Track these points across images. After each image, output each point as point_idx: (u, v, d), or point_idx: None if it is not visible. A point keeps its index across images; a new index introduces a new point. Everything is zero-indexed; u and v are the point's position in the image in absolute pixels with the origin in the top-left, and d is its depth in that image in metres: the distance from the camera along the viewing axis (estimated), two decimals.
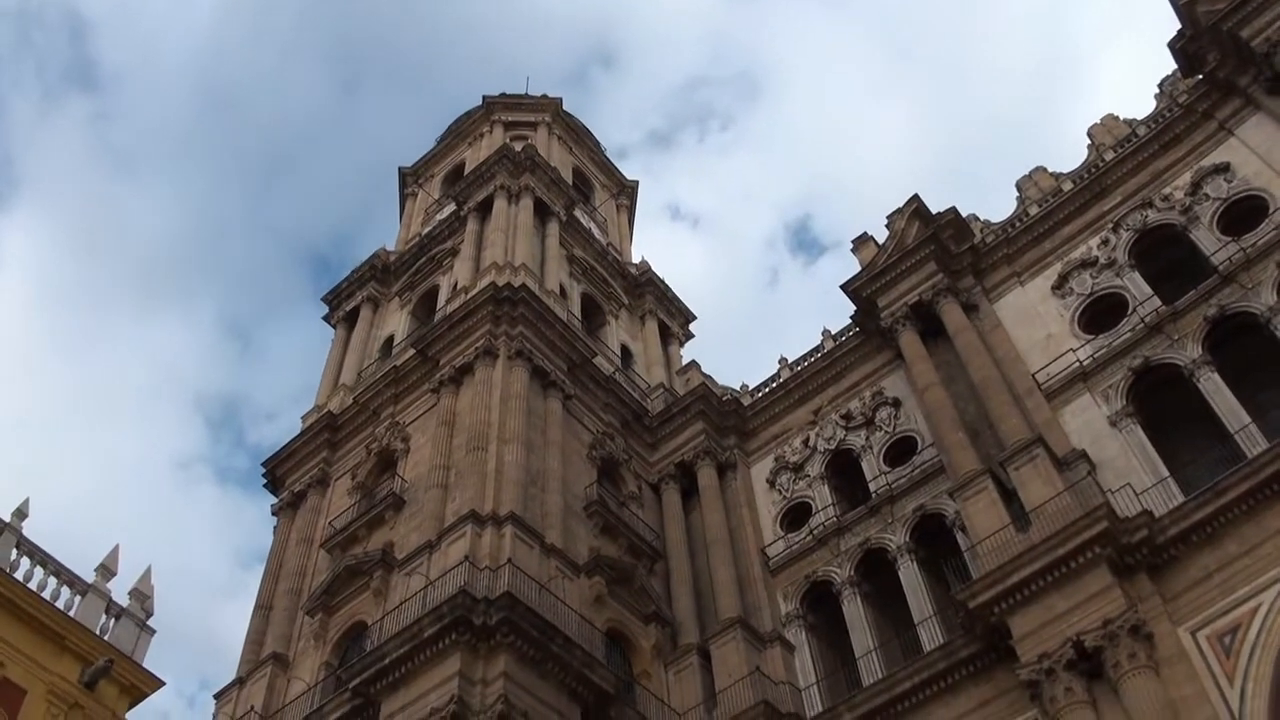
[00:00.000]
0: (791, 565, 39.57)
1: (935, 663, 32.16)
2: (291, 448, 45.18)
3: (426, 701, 28.83)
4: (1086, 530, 29.41)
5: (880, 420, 41.30)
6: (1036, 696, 28.92)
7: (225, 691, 37.39)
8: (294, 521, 42.52)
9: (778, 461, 43.33)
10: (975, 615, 30.90)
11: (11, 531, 21.14)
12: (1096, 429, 34.52)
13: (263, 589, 40.89)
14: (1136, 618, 28.05)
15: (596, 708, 31.39)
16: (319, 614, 36.92)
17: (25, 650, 20.06)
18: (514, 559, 32.35)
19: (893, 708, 32.50)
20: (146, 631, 22.89)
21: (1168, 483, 31.78)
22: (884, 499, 38.35)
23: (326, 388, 48.70)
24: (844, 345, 44.14)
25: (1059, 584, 29.47)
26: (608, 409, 44.26)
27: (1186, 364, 34.17)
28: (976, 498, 33.50)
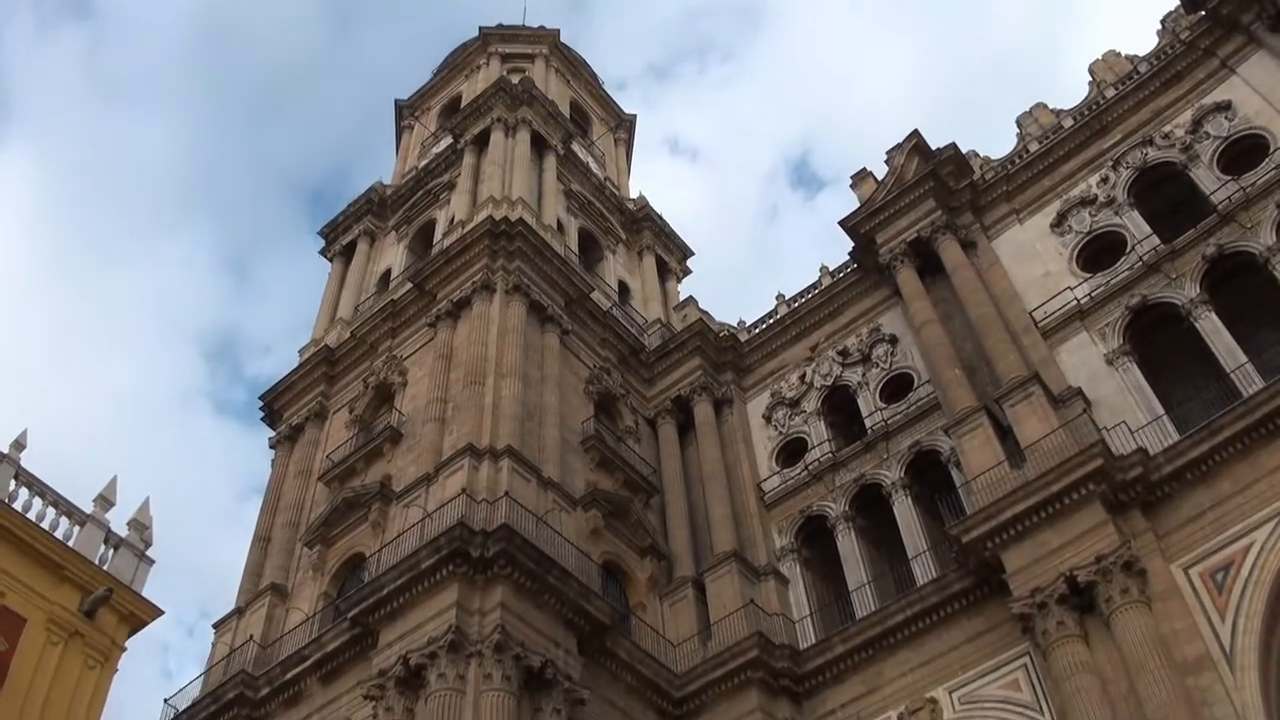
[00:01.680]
0: (787, 500, 39.82)
1: (928, 596, 32.47)
2: (289, 381, 45.23)
3: (424, 631, 29.09)
4: (1081, 467, 29.56)
5: (877, 357, 41.35)
6: (1029, 630, 29.25)
7: (224, 621, 37.71)
8: (292, 454, 42.66)
9: (774, 397, 43.44)
10: (969, 550, 31.15)
11: (10, 463, 21.19)
12: (1093, 367, 34.58)
13: (261, 521, 41.11)
14: (1129, 554, 28.29)
15: (593, 638, 31.69)
16: (317, 546, 37.15)
17: (24, 579, 20.18)
18: (511, 492, 32.50)
19: (886, 640, 32.86)
20: (145, 561, 23.01)
21: (1163, 421, 31.91)
22: (880, 435, 38.51)
23: (324, 321, 48.67)
24: (842, 282, 44.10)
25: (1052, 520, 29.69)
26: (605, 344, 44.27)
27: (1184, 303, 34.16)
28: (972, 434, 33.64)
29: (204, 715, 33.60)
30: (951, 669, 31.50)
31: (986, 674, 30.77)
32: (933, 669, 31.85)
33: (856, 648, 33.27)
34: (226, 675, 34.16)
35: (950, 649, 31.80)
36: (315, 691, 32.22)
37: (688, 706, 33.82)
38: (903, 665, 32.49)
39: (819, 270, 45.84)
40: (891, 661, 32.75)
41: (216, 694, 33.62)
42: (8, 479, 20.92)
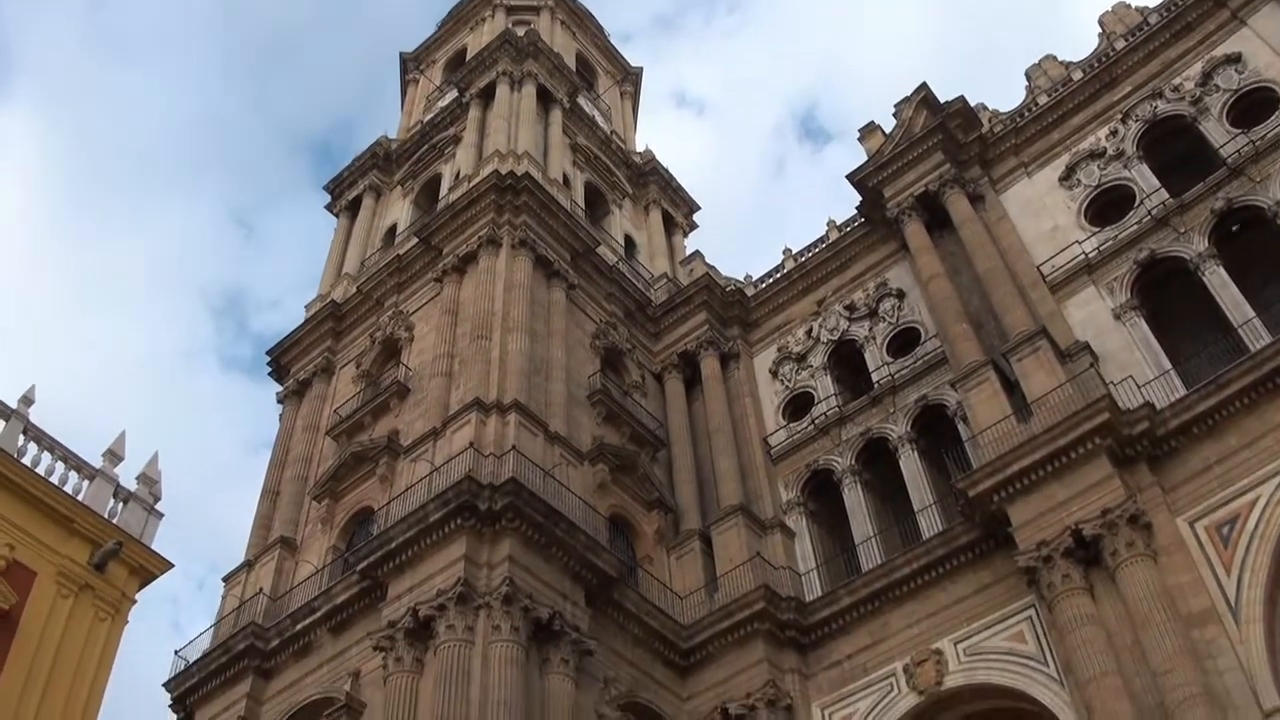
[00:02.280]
0: (793, 454, 39.92)
1: (934, 549, 32.62)
2: (296, 336, 45.31)
3: (433, 584, 29.29)
4: (1087, 421, 29.57)
5: (884, 311, 41.30)
6: (1034, 583, 29.38)
7: (234, 574, 37.94)
8: (299, 409, 42.78)
9: (780, 352, 43.44)
10: (975, 503, 31.24)
11: (18, 418, 21.24)
12: (1100, 321, 34.52)
13: (269, 475, 41.28)
14: (1135, 507, 28.36)
15: (600, 590, 31.89)
16: (325, 500, 37.32)
17: (34, 533, 20.26)
18: (518, 446, 32.60)
19: (891, 592, 33.05)
20: (154, 515, 23.09)
21: (1170, 375, 31.88)
22: (886, 389, 38.54)
23: (330, 277, 48.65)
24: (849, 236, 43.96)
25: (1059, 474, 29.73)
26: (611, 299, 44.23)
27: (1192, 257, 34.04)
28: (979, 388, 33.64)
29: (215, 666, 33.91)
30: (957, 621, 31.68)
31: (992, 626, 30.95)
32: (938, 621, 32.04)
33: (862, 600, 33.48)
34: (236, 627, 34.45)
35: (956, 601, 31.98)
36: (325, 643, 32.50)
37: (694, 657, 34.08)
38: (908, 617, 32.68)
39: (826, 224, 45.69)
40: (897, 613, 32.95)
41: (227, 645, 33.92)
42: (16, 434, 20.96)
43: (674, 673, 33.99)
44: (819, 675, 33.60)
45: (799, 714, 32.61)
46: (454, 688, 27.37)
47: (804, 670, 33.74)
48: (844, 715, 32.45)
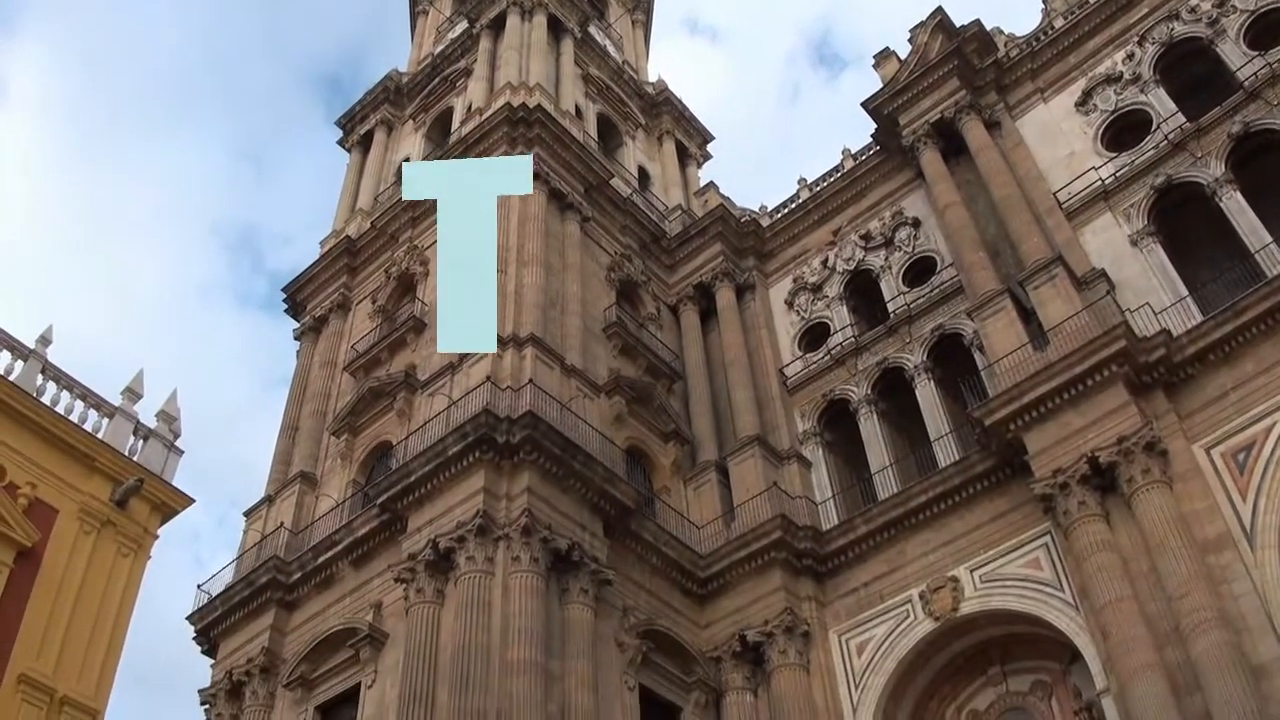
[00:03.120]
0: (809, 385, 39.96)
1: (950, 477, 32.73)
2: (311, 273, 45.35)
3: (453, 516, 29.56)
4: (1104, 349, 29.50)
5: (900, 240, 41.10)
6: (1050, 510, 29.50)
7: (255, 509, 38.29)
8: (316, 345, 42.93)
9: (796, 282, 43.33)
10: (991, 432, 31.29)
11: (36, 358, 21.36)
12: (1117, 248, 34.31)
13: (288, 411, 41.52)
14: (1152, 434, 28.36)
15: (618, 521, 32.14)
16: (344, 434, 37.55)
17: (55, 471, 20.46)
18: (535, 379, 32.70)
19: (907, 520, 33.23)
20: (174, 452, 23.28)
21: (1187, 302, 31.72)
22: (902, 319, 38.46)
23: (344, 212, 48.57)
24: (864, 164, 43.63)
25: (1075, 401, 29.71)
26: (625, 231, 44.09)
27: (1209, 182, 33.72)
28: (995, 317, 33.56)
29: (238, 599, 34.35)
30: (973, 548, 31.86)
31: (1008, 553, 31.13)
32: (954, 548, 32.23)
33: (878, 528, 33.68)
34: (258, 561, 34.82)
35: (972, 529, 32.14)
36: (347, 575, 32.87)
37: (712, 586, 34.39)
38: (924, 545, 32.88)
39: (841, 153, 45.33)
40: (913, 541, 33.15)
41: (250, 578, 34.32)
42: (35, 374, 21.09)
43: (692, 601, 34.32)
44: (835, 603, 33.90)
45: (816, 640, 32.94)
46: (475, 617, 27.74)
47: (821, 598, 34.03)
48: (860, 642, 32.79)
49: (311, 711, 31.29)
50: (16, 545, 19.12)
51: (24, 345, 21.40)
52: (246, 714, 32.51)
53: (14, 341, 21.20)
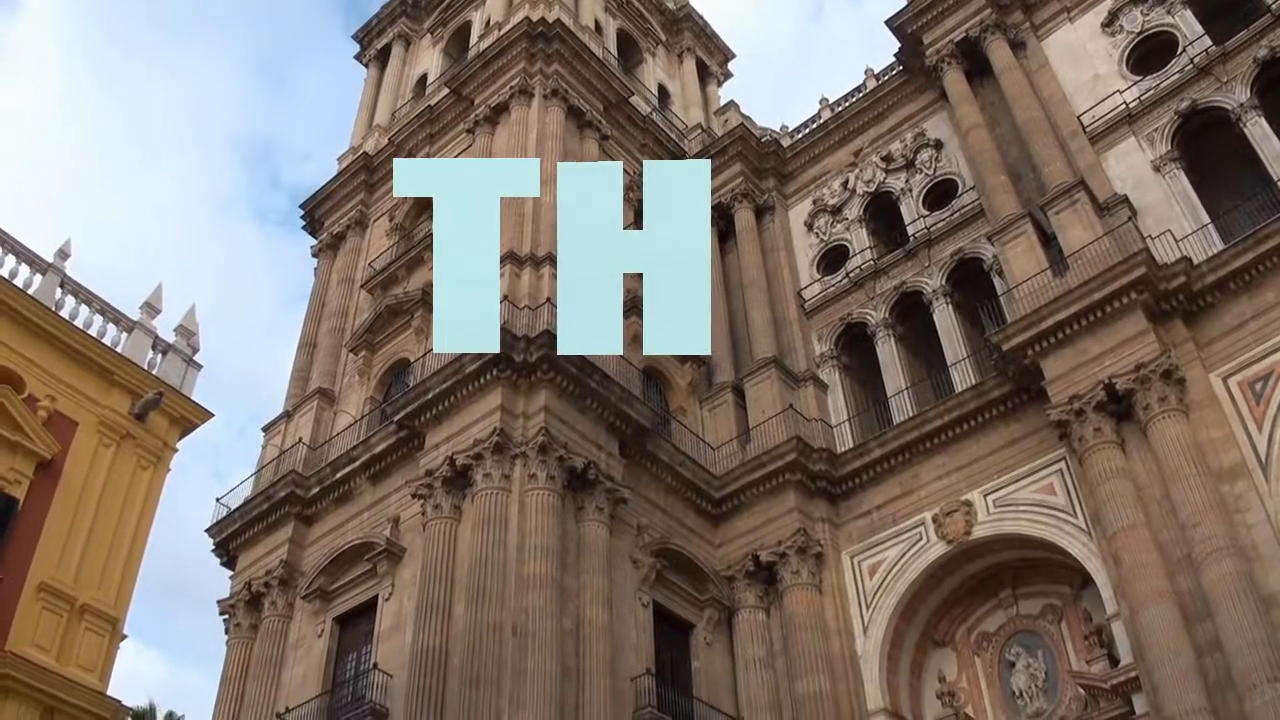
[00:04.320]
0: (827, 307, 39.85)
1: (966, 402, 32.74)
2: (328, 190, 45.24)
3: (470, 434, 29.74)
4: (1124, 275, 29.29)
5: (921, 163, 40.68)
6: (1065, 436, 29.51)
7: (273, 424, 38.59)
8: (334, 262, 42.95)
9: (816, 204, 43.02)
10: (1008, 357, 31.22)
11: (55, 271, 21.40)
12: (1139, 174, 33.91)
13: (306, 328, 41.67)
14: (1169, 362, 28.25)
15: (634, 440, 32.30)
16: (362, 352, 37.69)
17: (75, 385, 20.57)
18: (553, 298, 32.67)
19: (922, 444, 33.31)
20: (193, 366, 23.37)
21: (1208, 230, 31.38)
22: (922, 242, 38.21)
23: (361, 128, 48.31)
24: (887, 85, 43.05)
25: (1093, 328, 29.58)
26: (644, 150, 43.73)
27: (1234, 107, 33.20)
28: (1015, 241, 33.32)
29: (256, 513, 34.73)
30: (987, 473, 31.95)
31: (1022, 478, 31.21)
32: (968, 473, 32.32)
33: (893, 452, 33.77)
34: (277, 475, 35.16)
35: (987, 454, 32.21)
36: (365, 490, 33.17)
37: (726, 506, 34.62)
38: (939, 469, 32.98)
39: (864, 73, 44.78)
40: (928, 465, 33.25)
41: (268, 492, 34.68)
42: (53, 288, 21.14)
43: (706, 521, 34.58)
44: (849, 524, 34.11)
45: (828, 561, 33.20)
46: (492, 533, 28.05)
47: (834, 519, 34.24)
48: (872, 563, 33.05)
49: (330, 622, 31.76)
50: (37, 457, 19.31)
51: (42, 259, 21.43)
52: (265, 624, 33.03)
53: (32, 255, 21.24)
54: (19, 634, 17.92)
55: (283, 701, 30.98)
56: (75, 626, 18.85)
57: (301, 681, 31.15)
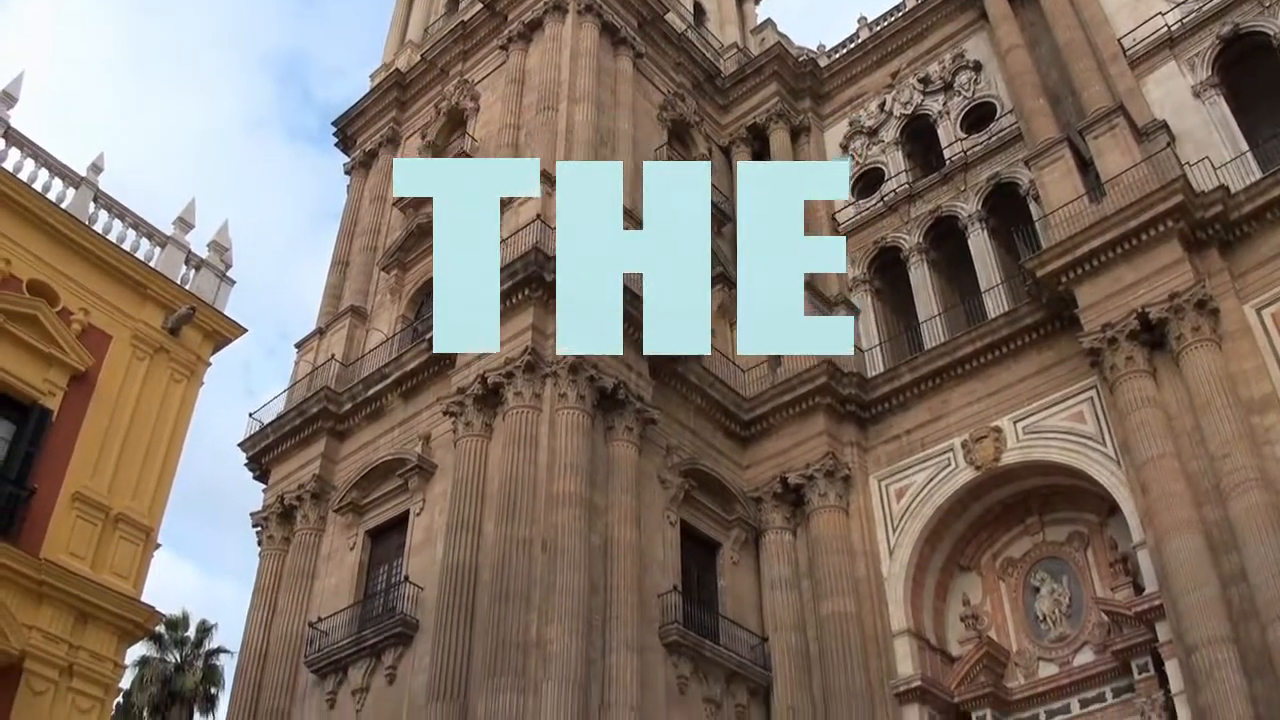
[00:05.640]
0: (861, 231, 39.58)
1: (999, 329, 32.60)
2: (361, 107, 45.07)
3: (502, 353, 29.85)
4: (1161, 203, 28.93)
5: (959, 85, 40.08)
6: (1097, 364, 29.37)
7: (306, 341, 38.85)
8: (366, 180, 42.90)
9: (852, 126, 42.55)
10: (1042, 284, 31.01)
11: (88, 185, 21.45)
12: (1179, 99, 33.32)
13: (338, 246, 41.77)
14: (1203, 292, 27.98)
15: (663, 362, 32.30)
16: (394, 270, 37.78)
17: (108, 298, 20.71)
18: None
19: (953, 370, 33.25)
20: (226, 282, 23.44)
21: (1246, 158, 30.90)
22: (958, 166, 37.81)
23: (393, 45, 47.97)
24: (927, 4, 42.28)
25: (1128, 256, 29.30)
26: (679, 69, 43.26)
27: (1276, 32, 32.51)
28: (1052, 166, 32.90)
29: (289, 428, 35.10)
30: (1018, 400, 31.91)
31: (1052, 406, 31.16)
32: (999, 399, 32.28)
33: (924, 377, 33.74)
34: (310, 391, 35.47)
35: (1018, 380, 32.14)
36: (396, 407, 33.42)
37: (755, 429, 34.73)
38: (969, 395, 32.95)
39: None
40: (958, 391, 33.22)
41: (301, 408, 35.01)
42: (87, 201, 21.21)
43: (735, 443, 34.72)
44: (877, 449, 34.18)
45: (856, 485, 33.34)
46: (522, 451, 28.30)
47: (863, 443, 34.32)
48: (900, 487, 33.17)
49: (362, 535, 32.22)
50: (70, 369, 19.51)
51: (75, 173, 21.48)
52: (298, 536, 33.53)
53: (65, 169, 21.29)
54: (54, 542, 18.24)
55: (314, 611, 31.55)
56: (109, 535, 19.16)
57: (333, 592, 31.68)
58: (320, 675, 30.04)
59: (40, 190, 20.58)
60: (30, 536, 18.00)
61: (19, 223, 19.94)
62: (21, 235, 19.92)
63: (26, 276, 19.76)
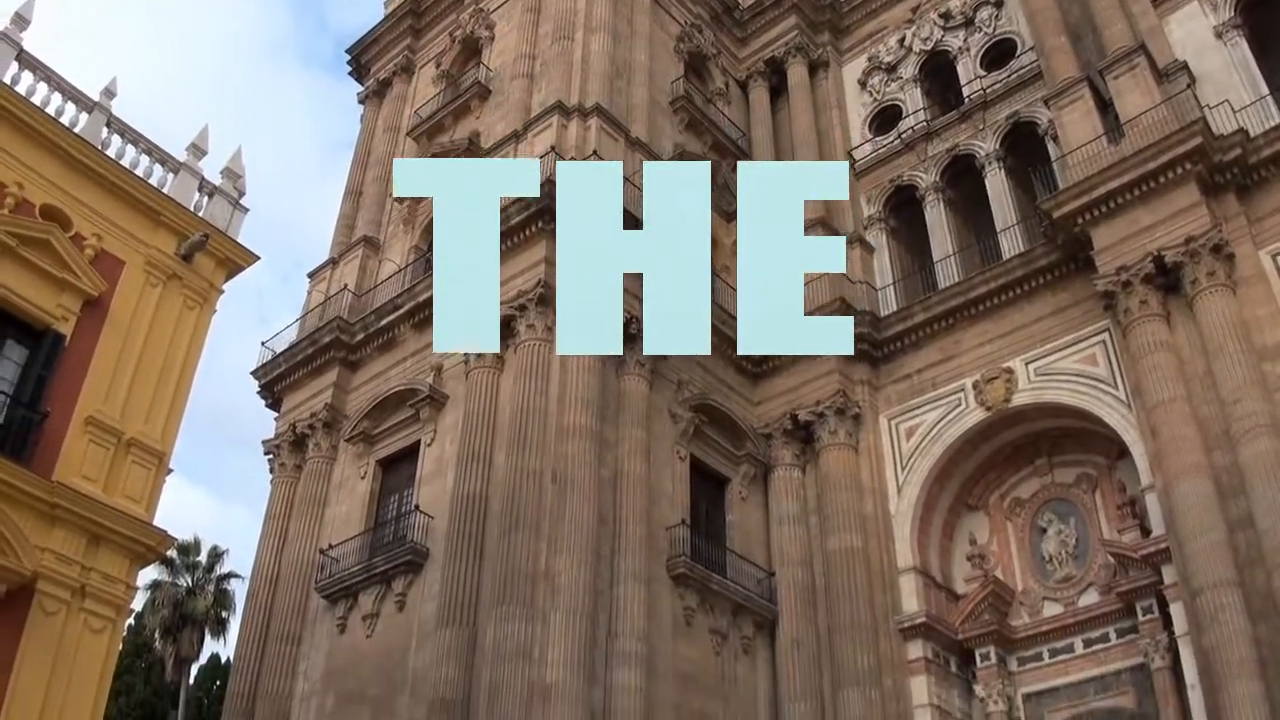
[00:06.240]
0: (877, 168, 39.30)
1: (1013, 269, 32.46)
2: (375, 34, 44.73)
3: (514, 285, 29.84)
4: (1179, 145, 28.62)
5: (980, 20, 39.56)
6: (1111, 307, 29.26)
7: (319, 270, 38.86)
8: (380, 110, 42.68)
9: (871, 62, 42.08)
10: (1058, 225, 30.81)
11: (101, 110, 21.34)
12: (1200, 40, 32.83)
13: (352, 175, 41.62)
14: (1220, 237, 27.77)
15: None
16: (407, 200, 37.64)
17: (121, 224, 20.65)
18: (599, 151, 32.46)
19: (967, 310, 33.17)
20: (239, 209, 23.37)
21: (1266, 102, 30.50)
22: (977, 104, 37.43)
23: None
24: None
25: (1146, 198, 29.04)
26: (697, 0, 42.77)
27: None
28: (1072, 106, 32.55)
29: (301, 357, 35.20)
30: (1031, 341, 31.85)
31: (1064, 348, 31.11)
32: (1011, 340, 32.22)
33: (937, 316, 33.66)
34: (322, 321, 35.56)
35: (1031, 322, 32.06)
36: (409, 338, 33.47)
37: (766, 365, 34.75)
38: (982, 335, 32.90)
39: None
40: (971, 331, 33.16)
41: (314, 337, 35.10)
42: (100, 126, 21.09)
43: (746, 379, 34.76)
44: (888, 388, 34.21)
45: (866, 423, 33.41)
46: (533, 383, 28.45)
47: (874, 382, 34.34)
48: (910, 426, 33.24)
49: (373, 464, 32.43)
50: (83, 294, 19.52)
51: (88, 97, 21.37)
52: (309, 464, 33.76)
53: (79, 93, 21.18)
54: (67, 465, 18.36)
55: (326, 538, 31.87)
56: (122, 459, 19.26)
57: (344, 520, 31.96)
58: (331, 601, 30.40)
59: (53, 115, 20.50)
60: (43, 460, 18.11)
61: (32, 147, 19.88)
62: (34, 160, 19.86)
63: (39, 201, 19.72)
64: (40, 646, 17.15)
